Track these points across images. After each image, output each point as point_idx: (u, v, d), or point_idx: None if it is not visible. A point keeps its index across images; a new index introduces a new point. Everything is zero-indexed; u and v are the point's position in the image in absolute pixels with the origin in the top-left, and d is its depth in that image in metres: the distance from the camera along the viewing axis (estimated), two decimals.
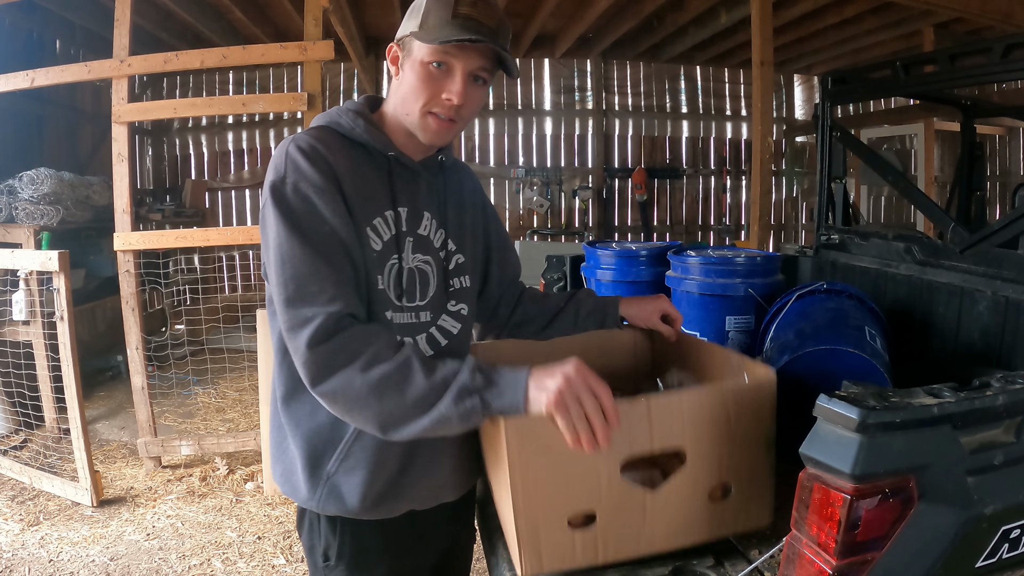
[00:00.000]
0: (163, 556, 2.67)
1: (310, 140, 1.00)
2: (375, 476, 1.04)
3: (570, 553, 0.98)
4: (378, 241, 1.04)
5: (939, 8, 4.18)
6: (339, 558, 1.09)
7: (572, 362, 0.90)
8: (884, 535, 0.79)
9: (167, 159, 6.96)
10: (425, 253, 1.10)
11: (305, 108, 3.26)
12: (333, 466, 1.04)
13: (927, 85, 2.19)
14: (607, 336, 1.41)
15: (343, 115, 1.07)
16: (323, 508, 1.06)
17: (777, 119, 7.39)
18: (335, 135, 1.05)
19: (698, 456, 1.00)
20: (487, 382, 0.90)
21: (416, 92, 1.01)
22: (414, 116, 1.03)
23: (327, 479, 1.05)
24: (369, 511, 1.06)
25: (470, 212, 1.21)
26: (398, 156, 1.07)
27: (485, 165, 7.17)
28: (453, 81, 1.00)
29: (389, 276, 1.04)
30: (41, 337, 3.27)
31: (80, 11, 4.97)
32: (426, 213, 1.11)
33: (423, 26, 1.00)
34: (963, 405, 0.80)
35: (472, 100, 1.03)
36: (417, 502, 1.11)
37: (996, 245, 1.68)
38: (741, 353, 1.15)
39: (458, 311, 1.14)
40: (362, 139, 1.05)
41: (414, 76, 1.01)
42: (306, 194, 0.97)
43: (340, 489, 1.05)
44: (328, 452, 1.05)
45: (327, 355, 0.92)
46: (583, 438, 0.87)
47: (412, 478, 1.08)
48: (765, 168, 3.85)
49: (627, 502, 0.99)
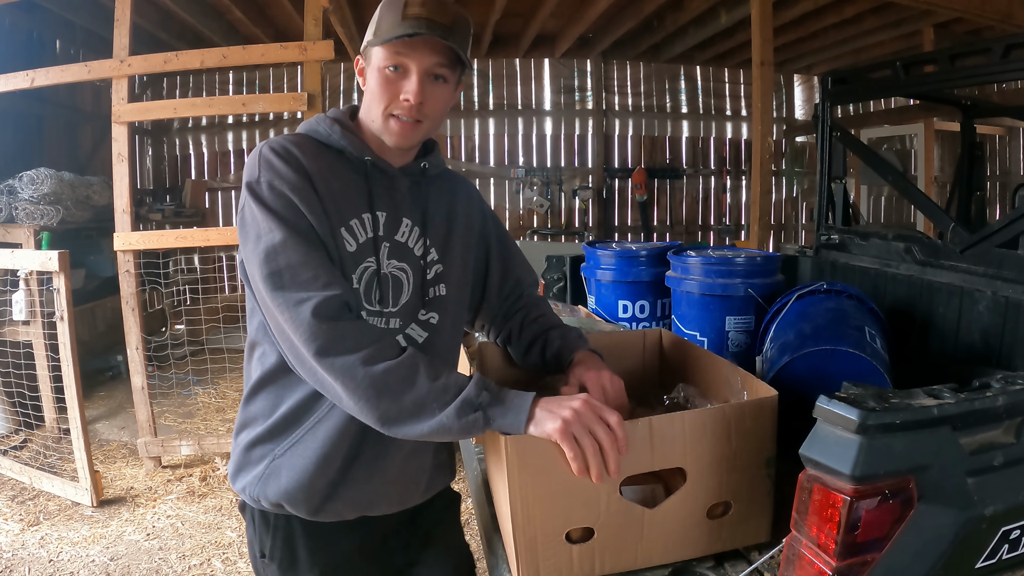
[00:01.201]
0: (163, 556, 2.67)
1: (283, 142, 1.02)
2: (319, 467, 1.04)
3: (567, 566, 1.00)
4: (352, 243, 1.04)
5: (939, 8, 4.18)
6: (271, 557, 1.10)
7: (582, 397, 0.93)
8: (884, 536, 0.79)
9: (167, 159, 6.96)
10: (401, 260, 1.09)
11: (305, 108, 3.26)
12: (281, 450, 1.06)
13: (927, 85, 2.19)
14: (621, 338, 1.42)
15: (321, 123, 1.09)
16: (260, 492, 1.06)
17: (777, 119, 7.39)
18: (312, 141, 1.07)
19: (698, 475, 1.01)
20: (492, 399, 0.92)
21: (377, 97, 1.03)
22: (378, 121, 1.05)
23: (272, 460, 1.06)
24: (304, 502, 1.06)
25: (462, 221, 1.20)
26: (375, 161, 1.07)
27: (485, 165, 7.17)
28: (409, 81, 1.01)
29: (362, 278, 1.05)
30: (41, 337, 3.27)
31: (80, 11, 4.97)
32: (405, 220, 1.10)
33: (376, 32, 1.03)
34: (963, 406, 0.80)
35: (434, 99, 1.04)
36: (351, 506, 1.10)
37: (996, 245, 1.68)
38: (744, 370, 1.16)
39: (427, 320, 1.12)
40: (338, 144, 1.07)
41: (374, 82, 1.03)
42: (282, 191, 0.98)
43: (281, 471, 1.05)
44: (279, 439, 1.06)
45: (335, 332, 0.92)
46: (593, 472, 0.89)
47: (351, 478, 1.07)
48: (765, 168, 3.85)
49: (626, 519, 1.00)
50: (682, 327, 2.01)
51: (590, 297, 2.45)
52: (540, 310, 1.30)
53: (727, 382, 1.20)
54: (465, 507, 3.07)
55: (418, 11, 0.99)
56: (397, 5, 1.00)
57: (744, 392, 1.13)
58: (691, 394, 1.22)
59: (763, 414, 1.03)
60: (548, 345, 1.22)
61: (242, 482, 1.09)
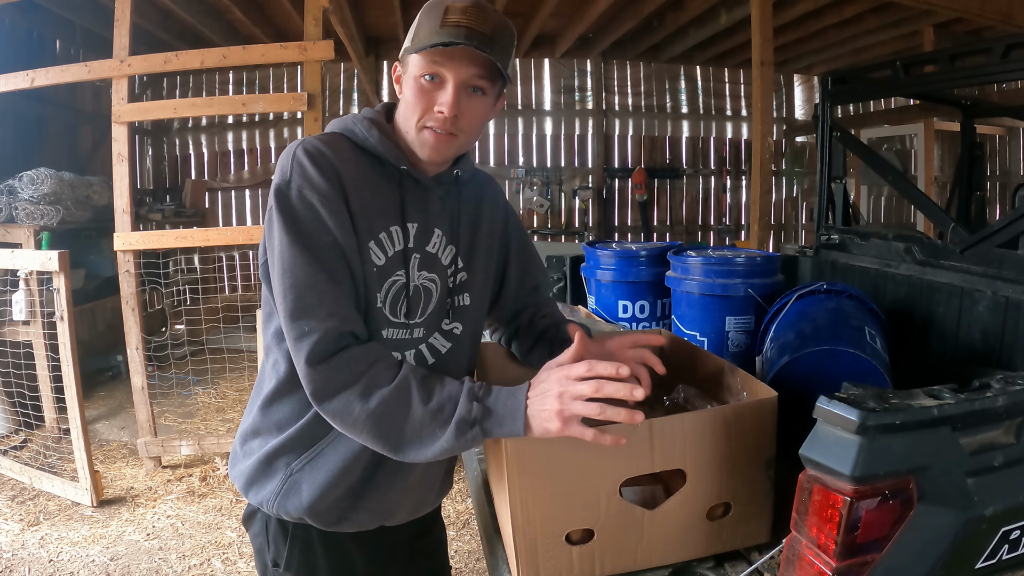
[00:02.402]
0: (163, 556, 2.67)
1: (319, 145, 0.98)
2: (338, 479, 1.04)
3: (567, 567, 1.00)
4: (381, 256, 1.01)
5: (939, 8, 4.18)
6: (287, 567, 1.09)
7: (553, 374, 0.90)
8: (884, 536, 0.78)
9: (167, 159, 6.96)
10: (431, 271, 1.07)
11: (305, 108, 3.26)
12: (299, 464, 1.04)
13: (927, 85, 2.19)
14: None
15: (358, 123, 1.04)
16: (280, 506, 1.05)
17: (777, 119, 7.39)
18: (347, 142, 1.02)
19: (698, 476, 1.01)
20: (485, 412, 0.89)
21: (411, 107, 0.99)
22: (412, 132, 1.01)
23: (290, 475, 1.04)
24: (323, 514, 1.05)
25: (486, 225, 1.17)
26: (410, 170, 1.04)
27: (485, 165, 7.16)
28: (444, 92, 0.97)
29: (389, 292, 1.02)
30: (41, 337, 3.27)
31: (80, 11, 4.97)
32: (436, 230, 1.07)
33: (414, 39, 0.98)
34: (963, 406, 0.80)
35: (470, 112, 1.00)
36: (373, 515, 1.09)
37: (996, 245, 1.68)
38: (744, 371, 1.16)
39: (451, 330, 1.11)
40: (375, 150, 1.02)
41: (409, 91, 0.99)
42: (310, 201, 0.94)
43: (300, 486, 1.04)
44: (298, 451, 1.04)
45: (326, 375, 0.91)
46: (623, 418, 0.85)
47: (374, 486, 1.07)
48: (765, 168, 3.85)
49: (626, 521, 1.00)
50: (682, 327, 2.00)
51: (590, 297, 2.45)
52: (549, 308, 1.28)
53: (727, 383, 1.20)
54: (465, 507, 3.07)
55: (458, 19, 0.94)
56: (437, 12, 0.96)
57: (744, 393, 1.13)
58: (691, 395, 1.22)
59: (763, 415, 1.03)
60: (556, 337, 1.19)
61: (259, 495, 1.07)
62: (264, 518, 1.10)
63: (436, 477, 1.17)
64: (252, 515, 1.12)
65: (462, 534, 2.86)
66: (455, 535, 2.84)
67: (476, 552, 2.73)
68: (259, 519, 1.11)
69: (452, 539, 2.80)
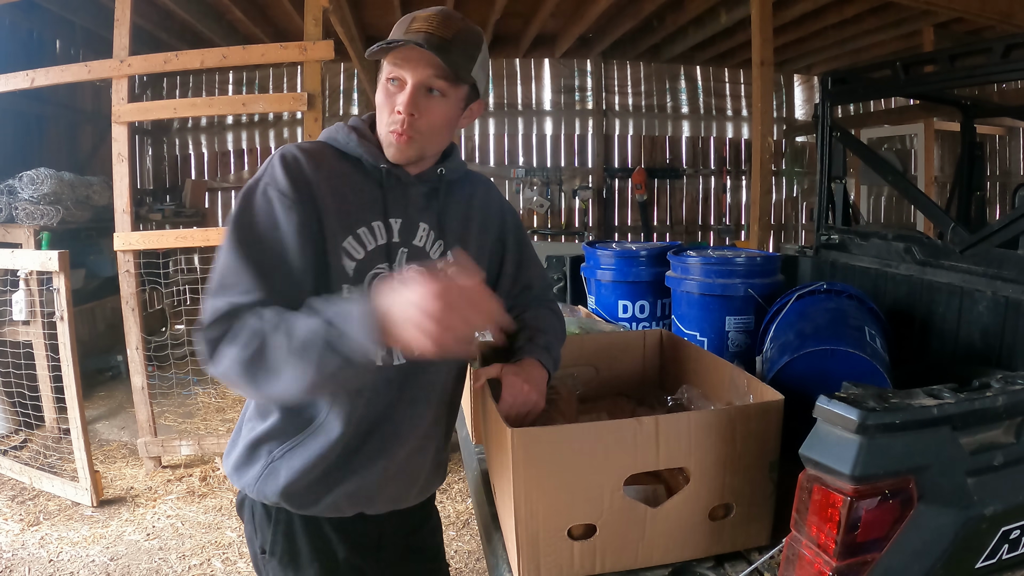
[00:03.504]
0: (163, 556, 2.67)
1: (295, 151, 1.04)
2: (315, 463, 1.06)
3: (568, 563, 1.00)
4: (359, 250, 1.05)
5: (939, 8, 4.18)
6: (271, 552, 1.12)
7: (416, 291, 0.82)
8: (884, 536, 0.79)
9: (167, 159, 6.96)
10: (420, 265, 1.09)
11: (305, 108, 3.25)
12: (280, 451, 1.08)
13: (927, 85, 2.19)
14: (621, 338, 1.42)
15: (340, 131, 1.11)
16: (259, 491, 1.09)
17: (777, 119, 7.39)
18: (330, 149, 1.09)
19: (702, 476, 1.01)
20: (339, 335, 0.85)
21: (380, 110, 1.06)
22: (383, 134, 1.07)
23: (271, 461, 1.08)
24: (298, 496, 1.08)
25: (477, 222, 1.20)
26: (391, 168, 1.08)
27: (485, 165, 7.16)
28: (403, 94, 1.02)
29: (371, 285, 1.04)
30: (41, 337, 3.27)
31: (80, 11, 4.97)
32: (422, 224, 1.11)
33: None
34: (963, 406, 0.80)
35: (428, 113, 1.03)
36: (349, 500, 1.11)
37: (996, 245, 1.68)
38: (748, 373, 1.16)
39: None
40: (355, 152, 1.08)
41: (379, 95, 1.06)
42: (270, 197, 1.00)
43: (279, 471, 1.07)
44: (280, 439, 1.08)
45: (212, 338, 0.92)
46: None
47: (350, 471, 1.09)
48: (765, 168, 3.85)
49: (628, 517, 1.00)
50: (682, 327, 2.01)
51: (590, 297, 2.45)
52: (532, 311, 1.28)
53: (731, 384, 1.20)
54: (465, 507, 3.07)
55: (420, 24, 1.00)
56: (407, 20, 1.02)
57: (750, 395, 1.13)
58: (694, 395, 1.22)
59: (768, 417, 1.04)
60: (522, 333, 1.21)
61: (242, 480, 1.11)
62: (251, 504, 1.14)
63: (420, 469, 1.17)
64: (241, 503, 1.17)
65: (462, 534, 2.86)
66: (455, 535, 2.84)
67: (476, 552, 2.73)
68: (247, 506, 1.15)
69: (452, 539, 2.80)
